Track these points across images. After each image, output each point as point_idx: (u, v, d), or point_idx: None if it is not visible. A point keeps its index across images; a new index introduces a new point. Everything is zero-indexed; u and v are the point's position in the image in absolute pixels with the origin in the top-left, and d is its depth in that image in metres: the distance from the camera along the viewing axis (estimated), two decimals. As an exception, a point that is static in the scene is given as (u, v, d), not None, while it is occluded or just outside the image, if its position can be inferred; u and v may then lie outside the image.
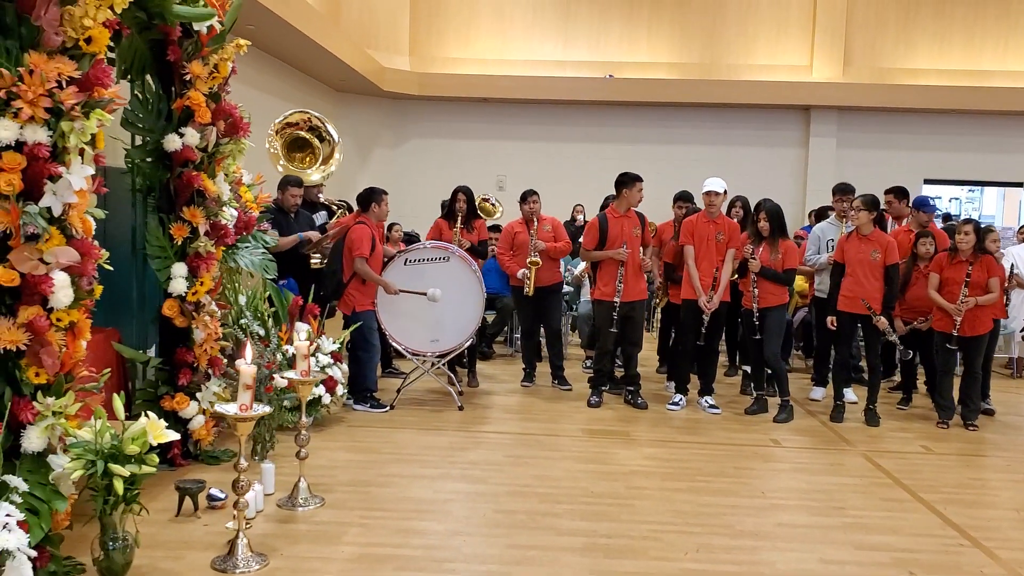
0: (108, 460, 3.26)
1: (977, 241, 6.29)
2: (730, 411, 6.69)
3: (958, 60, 13.51)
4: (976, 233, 6.30)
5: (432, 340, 6.57)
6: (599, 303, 6.81)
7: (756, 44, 13.76)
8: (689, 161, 13.38)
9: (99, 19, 3.36)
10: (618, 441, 5.81)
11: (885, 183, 8.20)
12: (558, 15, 13.97)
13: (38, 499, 3.21)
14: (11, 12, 3.23)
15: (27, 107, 3.15)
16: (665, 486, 4.83)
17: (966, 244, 6.27)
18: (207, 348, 4.88)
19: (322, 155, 7.79)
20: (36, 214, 3.21)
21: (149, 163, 4.77)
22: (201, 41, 4.74)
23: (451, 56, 14.04)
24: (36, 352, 3.26)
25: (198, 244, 4.78)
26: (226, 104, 4.95)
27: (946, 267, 6.38)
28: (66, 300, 3.32)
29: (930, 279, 6.45)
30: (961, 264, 6.29)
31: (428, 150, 14.16)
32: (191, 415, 4.82)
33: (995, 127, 13.48)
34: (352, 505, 4.38)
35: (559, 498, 4.57)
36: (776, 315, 6.47)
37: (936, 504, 4.64)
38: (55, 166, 3.26)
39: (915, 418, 6.71)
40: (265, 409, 3.64)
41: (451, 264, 6.58)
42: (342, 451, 5.35)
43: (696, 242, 6.63)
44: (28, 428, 3.26)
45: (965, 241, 6.26)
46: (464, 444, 5.63)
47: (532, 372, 7.54)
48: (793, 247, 6.57)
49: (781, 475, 5.19)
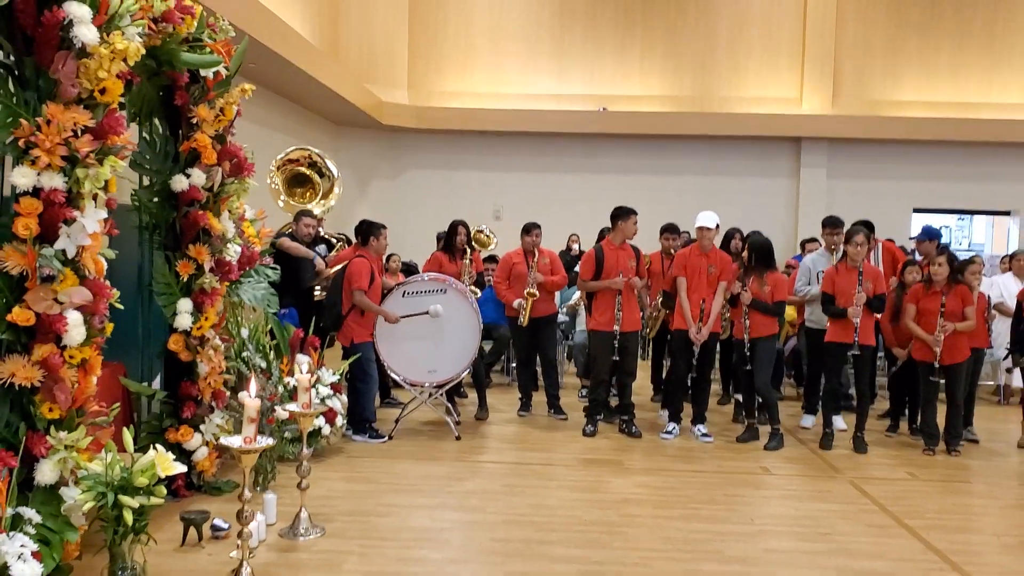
0: (118, 492, 3.40)
1: (951, 271, 6.46)
2: (722, 439, 6.83)
3: (945, 92, 13.81)
4: (950, 264, 6.47)
5: (429, 371, 6.71)
6: (595, 333, 6.96)
7: (747, 77, 14.06)
8: (682, 192, 13.64)
9: (113, 71, 3.55)
10: (612, 470, 5.93)
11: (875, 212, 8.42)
12: (553, 49, 14.27)
13: (50, 530, 3.36)
14: (30, 65, 3.42)
15: (44, 155, 3.34)
16: (657, 513, 4.96)
17: (940, 276, 6.44)
18: (211, 381, 5.03)
19: (322, 190, 8.00)
20: (52, 256, 3.38)
21: (156, 203, 4.95)
22: (207, 86, 4.94)
23: (448, 89, 14.32)
24: (50, 388, 3.42)
25: (203, 280, 4.93)
26: (231, 145, 5.13)
27: (922, 298, 6.55)
28: (79, 338, 3.48)
29: (906, 309, 6.62)
30: (936, 294, 6.45)
31: (426, 181, 14.40)
32: (195, 447, 4.95)
33: (982, 157, 13.76)
34: (352, 534, 4.51)
35: (554, 526, 4.70)
36: (766, 345, 6.62)
37: (920, 530, 4.77)
38: (70, 210, 3.44)
39: (902, 445, 6.85)
40: (268, 442, 3.77)
41: (448, 296, 6.73)
42: (342, 481, 5.47)
43: (688, 274, 6.81)
44: (41, 461, 3.42)
45: (939, 272, 6.43)
46: (461, 474, 5.75)
47: (528, 401, 7.68)
48: (782, 279, 6.74)
49: (770, 502, 5.32)
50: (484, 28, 14.34)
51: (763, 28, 14.03)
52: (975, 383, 7.10)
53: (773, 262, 6.80)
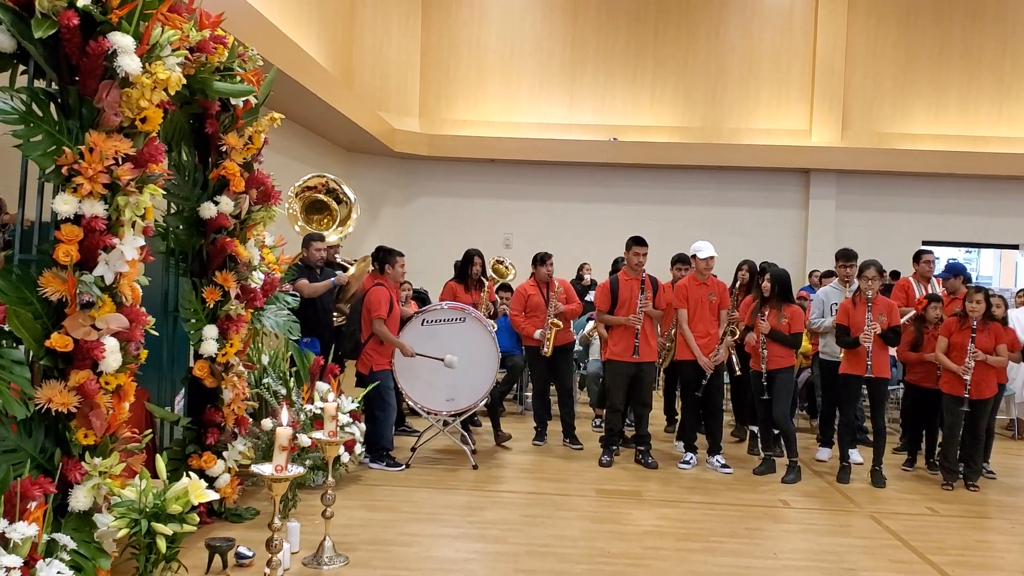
0: (151, 519, 3.40)
1: (987, 308, 6.50)
2: (739, 471, 6.81)
3: (954, 125, 13.91)
4: (986, 301, 6.50)
5: (448, 399, 6.72)
6: (610, 363, 6.97)
7: (757, 109, 14.17)
8: (691, 222, 13.69)
9: (155, 100, 3.60)
10: (630, 501, 5.92)
11: (884, 244, 8.47)
12: (564, 80, 14.39)
13: (83, 556, 3.35)
14: (74, 94, 3.47)
15: (87, 183, 3.38)
16: (680, 546, 4.94)
17: (976, 312, 6.45)
18: (234, 408, 5.03)
19: (339, 217, 8.04)
20: (91, 283, 3.40)
21: (183, 229, 4.98)
22: (237, 114, 4.99)
23: (460, 118, 14.43)
24: (85, 414, 3.43)
25: (229, 307, 4.95)
26: (259, 173, 5.18)
27: (955, 332, 6.56)
28: (115, 364, 3.50)
29: (939, 342, 6.63)
30: (968, 329, 6.47)
31: (436, 209, 14.47)
32: (218, 473, 4.94)
33: (991, 191, 13.82)
34: (376, 564, 4.49)
35: (578, 558, 4.68)
36: (785, 376, 6.65)
37: (944, 566, 4.75)
38: (110, 237, 3.47)
39: (920, 479, 6.83)
40: (299, 470, 3.77)
41: (467, 325, 6.75)
42: (362, 509, 5.46)
43: (691, 305, 6.90)
44: (75, 488, 3.42)
45: (976, 310, 6.45)
46: (481, 503, 5.74)
47: (544, 431, 7.67)
48: (799, 311, 6.77)
49: (791, 536, 5.30)
50: (496, 57, 14.48)
51: (773, 60, 14.17)
52: (994, 417, 7.09)
53: (791, 294, 6.84)
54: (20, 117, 3.34)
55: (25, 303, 3.33)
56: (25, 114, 3.35)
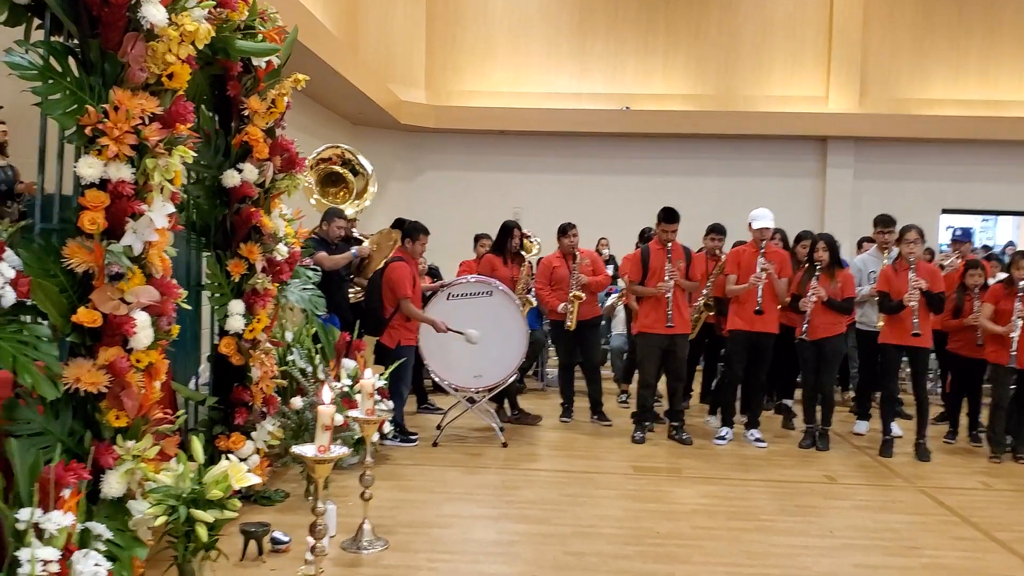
0: (190, 505, 3.16)
1: None
2: (775, 445, 6.61)
3: (974, 90, 13.58)
4: None
5: (475, 376, 6.48)
6: (643, 335, 6.74)
7: (772, 75, 13.82)
8: (706, 192, 13.39)
9: (182, 54, 3.32)
10: (670, 478, 5.71)
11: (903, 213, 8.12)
12: (574, 48, 14.02)
13: (118, 546, 3.12)
14: (95, 48, 3.18)
15: (113, 144, 3.10)
16: (731, 525, 4.73)
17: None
18: (263, 386, 4.79)
19: (355, 189, 7.76)
20: (120, 253, 3.14)
21: (205, 199, 4.70)
22: (258, 76, 4.70)
23: (467, 89, 14.07)
24: (116, 395, 3.17)
25: (255, 281, 4.69)
26: (282, 140, 4.91)
27: (1002, 298, 6.33)
28: (146, 341, 3.25)
29: (983, 308, 6.41)
30: (1013, 295, 6.24)
31: (444, 182, 14.13)
32: (247, 455, 4.69)
33: (1012, 156, 13.50)
34: (417, 547, 4.27)
35: (626, 539, 4.46)
36: (836, 344, 6.50)
37: (1013, 544, 4.53)
38: (138, 203, 3.20)
39: (964, 452, 6.63)
40: (344, 451, 3.53)
41: (494, 299, 6.51)
42: (394, 490, 5.22)
43: (742, 272, 6.61)
44: (107, 473, 3.17)
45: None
46: (516, 482, 5.52)
47: (570, 407, 7.44)
48: (850, 276, 6.61)
49: (844, 513, 5.08)
50: (503, 26, 14.09)
51: (788, 26, 13.80)
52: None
53: (841, 259, 6.64)
54: (40, 73, 3.06)
55: (49, 275, 3.06)
56: (44, 68, 3.07)
